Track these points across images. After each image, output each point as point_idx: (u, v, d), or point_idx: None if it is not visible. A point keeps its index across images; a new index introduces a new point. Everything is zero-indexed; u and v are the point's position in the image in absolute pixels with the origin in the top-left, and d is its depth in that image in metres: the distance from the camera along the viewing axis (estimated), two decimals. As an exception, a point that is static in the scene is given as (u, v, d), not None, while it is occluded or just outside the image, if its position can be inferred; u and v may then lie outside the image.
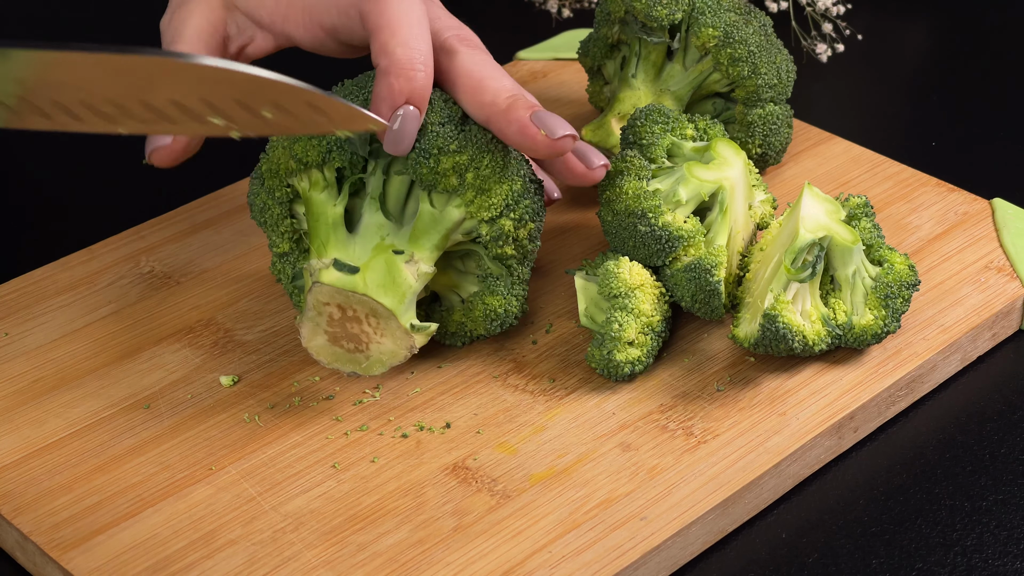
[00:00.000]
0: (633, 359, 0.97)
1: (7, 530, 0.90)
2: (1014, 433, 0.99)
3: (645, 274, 0.98)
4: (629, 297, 0.97)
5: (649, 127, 1.02)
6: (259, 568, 0.86)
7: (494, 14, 1.45)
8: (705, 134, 1.03)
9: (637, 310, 0.97)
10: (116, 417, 0.96)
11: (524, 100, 0.95)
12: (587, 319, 0.99)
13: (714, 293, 0.98)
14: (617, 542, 0.88)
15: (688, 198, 1.00)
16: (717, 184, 1.00)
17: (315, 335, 0.94)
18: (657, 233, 0.98)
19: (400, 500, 0.90)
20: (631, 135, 1.02)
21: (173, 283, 1.07)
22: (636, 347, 0.97)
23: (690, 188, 1.00)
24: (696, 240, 0.99)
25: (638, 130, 1.02)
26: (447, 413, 0.96)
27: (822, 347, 0.97)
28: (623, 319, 0.96)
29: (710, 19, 1.10)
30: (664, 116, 1.02)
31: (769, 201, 1.05)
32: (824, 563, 0.90)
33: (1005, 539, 0.92)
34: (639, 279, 0.98)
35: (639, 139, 1.02)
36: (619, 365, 0.96)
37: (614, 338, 0.96)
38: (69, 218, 1.17)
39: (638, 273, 0.98)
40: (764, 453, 0.93)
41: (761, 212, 1.04)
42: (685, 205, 1.00)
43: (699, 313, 1.00)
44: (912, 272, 0.99)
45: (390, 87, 0.93)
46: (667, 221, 0.98)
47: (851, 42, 1.39)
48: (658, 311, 0.98)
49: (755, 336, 0.96)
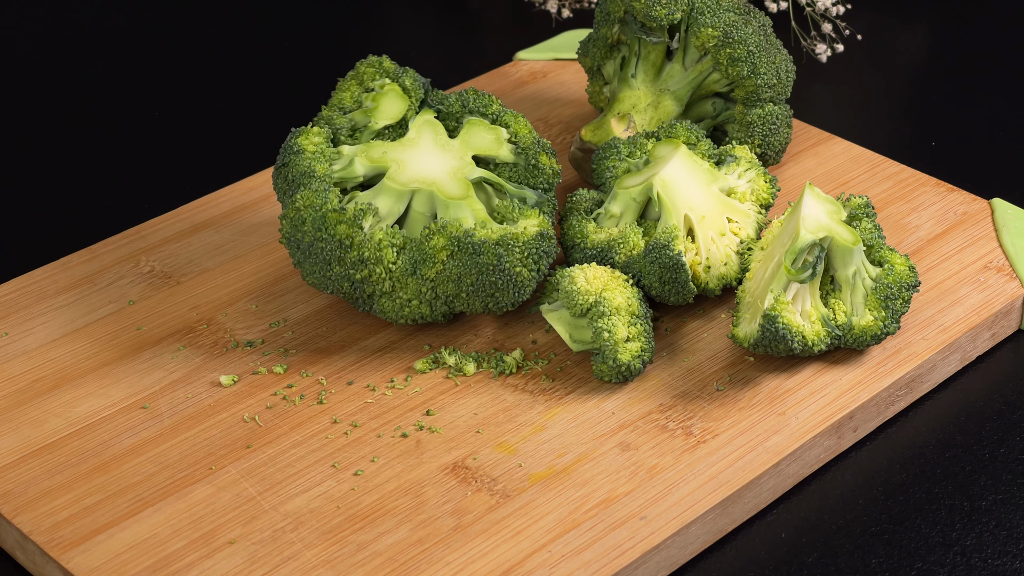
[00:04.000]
0: (637, 352, 0.97)
1: (7, 530, 0.90)
2: (1013, 433, 0.99)
3: (600, 270, 0.99)
4: (600, 302, 0.97)
5: (601, 165, 1.06)
6: (259, 568, 0.86)
7: (494, 14, 1.45)
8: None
9: (614, 308, 0.97)
10: (116, 417, 0.96)
11: None
12: (576, 344, 0.99)
13: (678, 266, 0.98)
14: (617, 542, 0.88)
15: (622, 209, 1.03)
16: (645, 185, 1.03)
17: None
18: (589, 252, 1.02)
19: (400, 500, 0.90)
20: (595, 178, 1.07)
21: (173, 283, 1.07)
22: (633, 340, 0.97)
23: (620, 200, 1.04)
24: (628, 238, 1.01)
25: (596, 171, 1.06)
26: (447, 413, 0.96)
27: (821, 347, 0.97)
28: (608, 324, 0.96)
29: (709, 19, 1.10)
30: (615, 149, 1.06)
31: (760, 176, 1.05)
32: (823, 563, 0.90)
33: (1005, 539, 0.92)
34: (598, 280, 0.98)
35: (598, 180, 1.06)
36: (628, 366, 0.96)
37: (611, 345, 0.96)
38: (69, 218, 1.17)
39: (594, 275, 0.98)
40: (764, 453, 0.93)
41: (748, 189, 1.04)
42: (622, 218, 1.03)
43: (672, 299, 1.00)
44: (912, 273, 0.99)
45: None
46: (595, 240, 1.02)
47: (851, 42, 1.39)
48: (633, 296, 0.98)
49: (755, 336, 0.96)
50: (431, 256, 0.97)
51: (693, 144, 1.05)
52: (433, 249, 0.97)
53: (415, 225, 1.00)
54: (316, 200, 0.97)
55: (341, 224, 0.96)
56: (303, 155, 1.00)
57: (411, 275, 0.98)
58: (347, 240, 0.97)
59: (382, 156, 1.01)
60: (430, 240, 0.97)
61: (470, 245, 0.97)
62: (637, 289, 0.99)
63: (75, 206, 1.08)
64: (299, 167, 0.99)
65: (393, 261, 0.98)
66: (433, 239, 0.97)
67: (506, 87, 1.27)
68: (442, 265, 0.97)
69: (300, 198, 0.98)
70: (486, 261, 0.97)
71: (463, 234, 0.97)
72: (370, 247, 0.97)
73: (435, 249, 0.97)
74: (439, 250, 0.97)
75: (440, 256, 0.97)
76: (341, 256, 0.97)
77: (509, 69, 1.29)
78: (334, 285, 0.98)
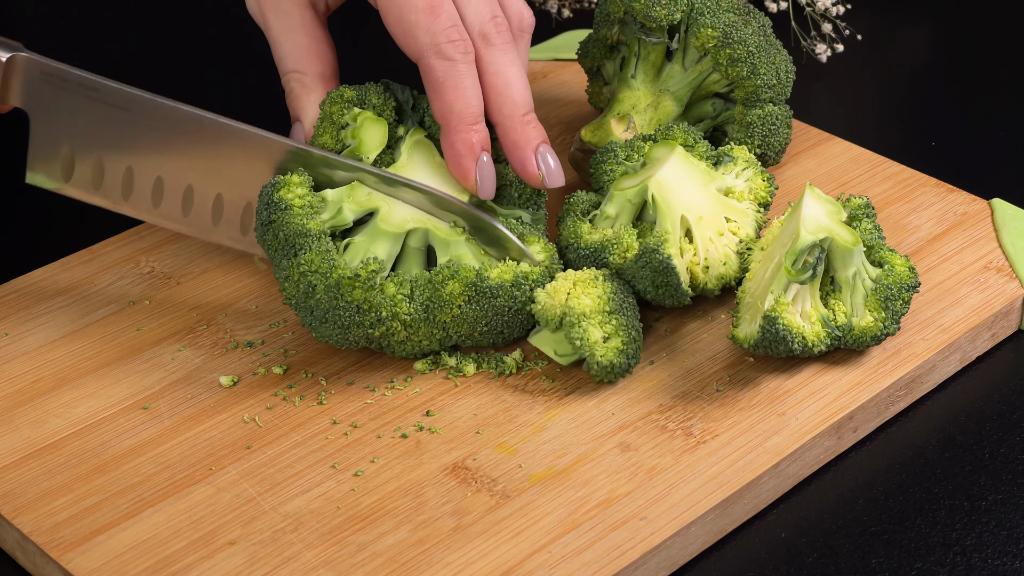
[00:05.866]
0: (619, 347, 0.96)
1: (7, 530, 0.90)
2: (1013, 433, 0.99)
3: (567, 278, 0.98)
4: (567, 312, 0.96)
5: (599, 169, 1.06)
6: (259, 568, 0.86)
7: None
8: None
9: (580, 313, 0.96)
10: (116, 417, 0.96)
11: (538, 127, 1.01)
12: (562, 357, 0.99)
13: (669, 269, 0.98)
14: (617, 542, 0.88)
15: (618, 211, 1.03)
16: (640, 187, 1.02)
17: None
18: (583, 253, 1.02)
19: (400, 500, 0.90)
20: (593, 182, 1.07)
21: (173, 283, 1.07)
22: (612, 337, 0.96)
23: (615, 202, 1.03)
24: (622, 239, 1.01)
25: (594, 175, 1.06)
26: (447, 413, 0.96)
27: (821, 348, 0.97)
28: (579, 333, 0.96)
29: (709, 20, 1.10)
30: (612, 153, 1.06)
31: (758, 175, 1.05)
32: (823, 563, 0.90)
33: (1004, 538, 0.92)
34: (561, 289, 0.97)
35: (596, 183, 1.06)
36: (612, 364, 0.96)
37: (589, 350, 0.96)
38: (69, 218, 1.17)
39: (557, 287, 0.97)
40: (763, 453, 0.93)
41: (746, 188, 1.04)
42: (617, 219, 1.03)
43: (667, 301, 1.00)
44: (912, 274, 0.99)
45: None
46: (588, 241, 1.02)
47: (851, 42, 1.39)
48: (604, 292, 0.97)
49: (755, 337, 0.96)
50: (448, 302, 0.96)
51: (691, 146, 1.05)
52: (450, 296, 0.96)
53: (411, 261, 0.99)
54: (323, 265, 0.95)
55: (357, 289, 0.94)
56: (291, 212, 0.96)
57: (424, 321, 0.97)
58: (365, 305, 0.95)
59: (368, 198, 0.99)
60: (445, 286, 0.96)
61: (488, 290, 0.96)
62: (611, 283, 0.98)
63: (75, 206, 1.08)
64: (291, 225, 0.96)
65: (408, 312, 0.96)
66: (448, 285, 0.96)
67: (506, 87, 1.27)
68: (458, 310, 0.97)
69: (305, 263, 0.95)
70: (503, 304, 0.97)
71: (478, 278, 0.96)
72: (387, 306, 0.95)
73: (452, 296, 0.96)
74: (456, 296, 0.96)
75: (457, 302, 0.96)
76: (360, 320, 0.95)
77: (509, 69, 1.29)
78: (351, 343, 0.97)
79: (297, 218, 0.96)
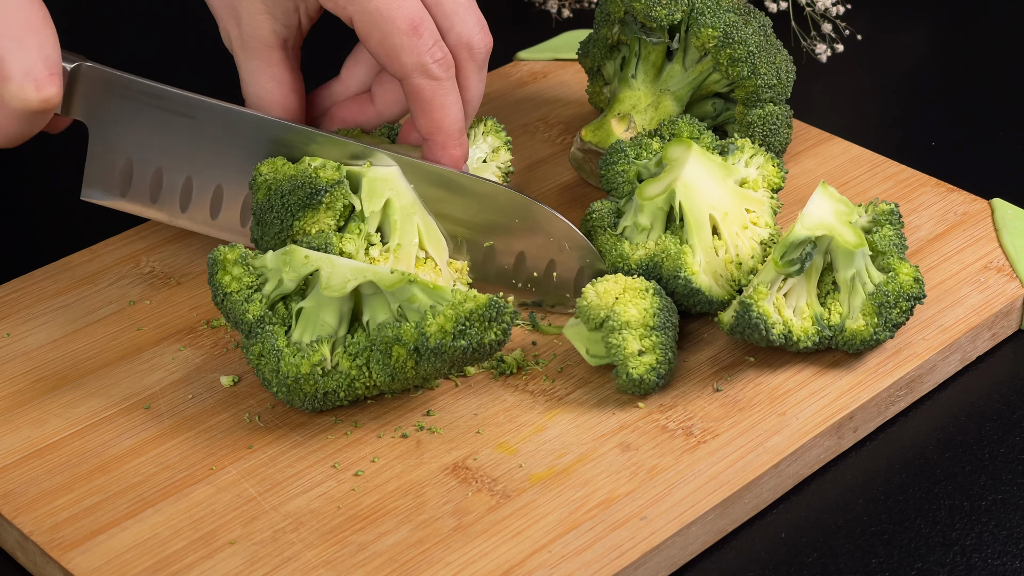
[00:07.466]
0: (652, 364, 0.96)
1: (7, 530, 0.90)
2: (1013, 433, 0.99)
3: (617, 282, 0.98)
4: (611, 316, 0.96)
5: (610, 170, 1.05)
6: (259, 568, 0.86)
7: (494, 14, 1.45)
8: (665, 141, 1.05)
9: (624, 322, 0.96)
10: (116, 417, 0.96)
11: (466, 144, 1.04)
12: (593, 358, 0.98)
13: (691, 291, 0.98)
14: (617, 542, 0.88)
15: (652, 220, 1.02)
16: (668, 191, 1.01)
17: None
18: (634, 273, 1.01)
19: (400, 500, 0.90)
20: (604, 184, 1.05)
21: (173, 283, 1.07)
22: (647, 352, 0.96)
23: (647, 210, 1.02)
24: (668, 250, 1.00)
25: (606, 177, 1.05)
26: (447, 413, 0.96)
27: (807, 344, 0.97)
28: (618, 339, 0.96)
29: (709, 19, 1.10)
30: (622, 152, 1.04)
31: (768, 161, 1.04)
32: (823, 563, 0.90)
33: (1004, 538, 0.92)
34: (611, 292, 0.97)
35: (608, 185, 1.05)
36: (642, 379, 0.95)
37: (622, 360, 0.96)
38: (69, 218, 1.17)
39: (608, 288, 0.97)
40: (764, 453, 0.93)
41: (759, 176, 1.04)
42: (652, 228, 1.02)
43: (707, 311, 1.01)
44: (917, 285, 0.98)
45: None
46: (637, 259, 1.01)
47: (851, 42, 1.39)
48: (650, 307, 0.97)
49: (732, 322, 0.97)
50: (399, 370, 0.93)
51: (696, 138, 1.05)
52: (398, 363, 0.93)
53: (375, 307, 0.95)
54: (271, 361, 0.93)
55: (307, 383, 0.93)
56: (231, 299, 0.94)
57: (388, 378, 0.94)
58: (319, 393, 0.94)
59: (306, 261, 0.95)
60: (390, 356, 0.93)
61: (431, 351, 0.92)
62: (659, 299, 0.97)
63: (75, 206, 1.08)
64: (234, 313, 0.94)
65: (368, 380, 0.94)
66: (393, 353, 0.93)
67: (506, 87, 1.27)
68: (412, 372, 0.94)
69: (253, 357, 0.94)
70: (453, 356, 0.93)
71: (420, 338, 0.92)
72: (344, 385, 0.94)
73: (400, 363, 0.93)
74: (404, 361, 0.93)
75: (408, 364, 0.93)
76: (324, 400, 0.94)
77: (509, 69, 1.29)
78: (325, 408, 0.96)
79: (239, 307, 0.94)
